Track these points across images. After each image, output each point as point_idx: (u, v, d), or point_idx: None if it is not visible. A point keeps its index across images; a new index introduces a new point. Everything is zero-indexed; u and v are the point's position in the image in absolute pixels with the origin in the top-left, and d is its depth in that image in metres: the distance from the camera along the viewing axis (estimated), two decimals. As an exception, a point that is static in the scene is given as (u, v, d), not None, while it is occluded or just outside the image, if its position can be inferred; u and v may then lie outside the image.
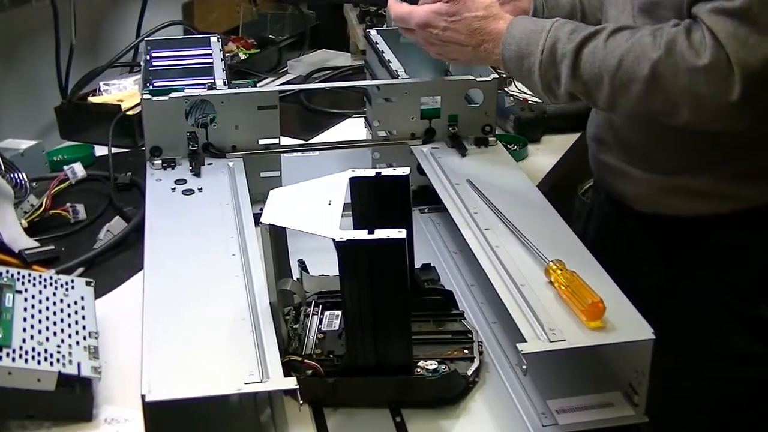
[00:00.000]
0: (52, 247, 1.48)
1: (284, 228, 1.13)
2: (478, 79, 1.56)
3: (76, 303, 1.22)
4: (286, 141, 1.59)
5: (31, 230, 1.53)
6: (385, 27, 2.24)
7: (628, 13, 1.35)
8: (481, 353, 1.17)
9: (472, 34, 1.37)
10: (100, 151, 1.87)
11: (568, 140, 1.94)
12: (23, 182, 1.58)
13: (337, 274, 1.05)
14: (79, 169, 1.71)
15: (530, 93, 1.93)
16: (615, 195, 1.48)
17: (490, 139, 1.57)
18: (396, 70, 1.62)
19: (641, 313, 1.07)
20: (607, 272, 1.16)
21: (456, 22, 1.38)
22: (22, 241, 1.48)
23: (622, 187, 1.46)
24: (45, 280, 1.24)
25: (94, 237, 1.54)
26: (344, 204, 1.10)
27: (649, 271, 1.45)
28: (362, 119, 1.77)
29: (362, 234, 1.02)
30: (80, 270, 1.45)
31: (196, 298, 1.15)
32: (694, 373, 1.43)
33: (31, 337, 1.11)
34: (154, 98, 1.48)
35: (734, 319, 1.40)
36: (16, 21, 2.04)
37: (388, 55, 1.69)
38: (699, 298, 1.41)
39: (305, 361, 1.11)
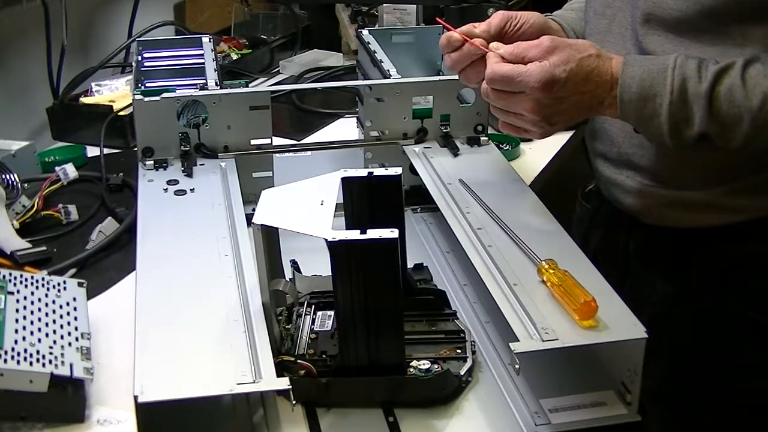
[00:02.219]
0: (44, 248, 1.48)
1: (276, 228, 1.12)
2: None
3: (68, 304, 1.22)
4: (278, 141, 1.59)
5: (23, 231, 1.53)
6: (377, 27, 2.25)
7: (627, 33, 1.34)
8: (473, 353, 1.17)
9: (587, 78, 1.21)
10: (92, 151, 1.86)
11: (560, 139, 1.94)
12: (15, 183, 1.58)
13: (330, 274, 1.05)
14: (71, 170, 1.70)
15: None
16: (621, 206, 1.42)
17: (482, 138, 1.57)
18: (388, 70, 1.62)
19: (651, 324, 1.06)
20: (615, 286, 1.14)
21: (572, 70, 1.21)
22: (14, 242, 1.47)
23: (629, 200, 1.40)
24: (37, 281, 1.23)
25: (86, 238, 1.53)
26: (336, 204, 1.10)
27: (661, 284, 1.41)
28: (354, 119, 1.77)
29: (354, 234, 1.02)
30: (72, 271, 1.45)
31: (189, 298, 1.15)
32: (708, 385, 1.40)
33: (23, 338, 1.11)
34: (146, 99, 1.47)
35: (749, 329, 1.36)
36: (7, 21, 2.04)
37: (380, 54, 1.69)
38: (713, 310, 1.37)
39: (298, 361, 1.11)
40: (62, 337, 1.15)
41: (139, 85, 1.58)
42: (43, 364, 1.09)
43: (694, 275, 1.38)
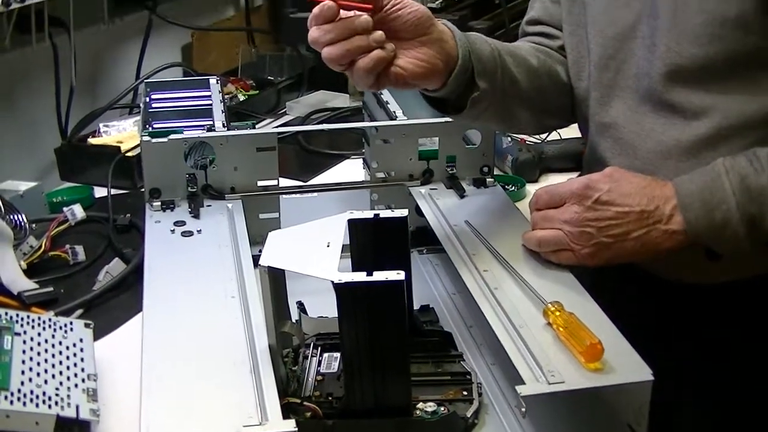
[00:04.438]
0: (51, 288, 1.49)
1: (283, 270, 1.13)
2: (475, 121, 1.56)
3: (74, 345, 1.22)
4: (284, 182, 1.59)
5: (30, 272, 1.54)
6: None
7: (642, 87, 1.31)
8: (480, 395, 1.17)
9: (635, 192, 1.20)
10: (100, 192, 1.87)
11: (565, 180, 1.95)
12: (23, 224, 1.59)
13: (336, 315, 1.05)
14: (78, 211, 1.71)
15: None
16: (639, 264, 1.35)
17: (488, 179, 1.58)
18: (394, 112, 1.63)
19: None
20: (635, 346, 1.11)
21: (616, 179, 1.21)
22: (21, 283, 1.48)
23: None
24: (44, 322, 1.24)
25: (93, 278, 1.54)
26: (343, 245, 1.11)
27: (682, 346, 1.37)
28: (360, 160, 1.78)
29: (361, 276, 1.03)
30: (79, 312, 1.45)
31: (195, 340, 1.15)
32: None
33: (30, 379, 1.11)
34: (154, 140, 1.48)
35: None
36: (17, 62, 2.06)
37: (386, 96, 1.70)
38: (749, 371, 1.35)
39: (304, 403, 1.11)
40: (68, 378, 1.15)
41: (147, 126, 1.59)
42: (49, 406, 1.09)
43: (721, 333, 1.35)
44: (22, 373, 1.12)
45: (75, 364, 1.19)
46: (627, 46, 1.33)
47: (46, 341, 1.20)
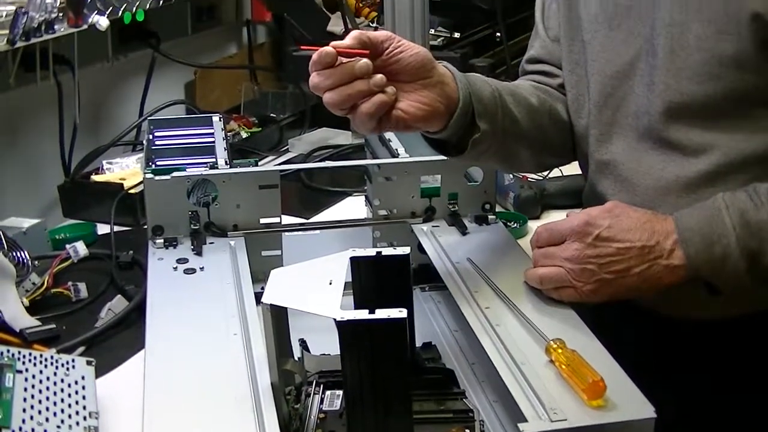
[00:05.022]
0: (53, 326, 1.49)
1: (285, 308, 1.13)
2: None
3: (76, 383, 1.22)
4: (287, 219, 1.60)
5: (32, 309, 1.53)
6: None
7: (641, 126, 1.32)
8: (482, 432, 1.17)
9: (635, 228, 1.21)
10: (103, 229, 1.87)
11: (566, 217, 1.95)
12: (25, 261, 1.59)
13: (338, 353, 1.05)
14: (81, 248, 1.71)
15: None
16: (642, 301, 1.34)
17: (489, 216, 1.58)
18: (396, 149, 1.63)
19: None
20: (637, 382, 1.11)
21: (617, 215, 1.22)
22: (24, 320, 1.48)
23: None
24: (45, 359, 1.24)
25: (96, 316, 1.54)
26: (345, 283, 1.11)
27: (684, 382, 1.36)
28: (363, 197, 1.78)
29: (363, 314, 1.03)
30: (81, 349, 1.45)
31: (197, 377, 1.15)
32: None
33: (31, 417, 1.11)
34: (157, 177, 1.49)
35: None
36: (21, 100, 2.07)
37: (388, 133, 1.71)
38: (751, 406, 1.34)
39: (306, 441, 1.11)
40: (70, 416, 1.15)
41: (150, 163, 1.60)
42: (51, 444, 1.09)
43: (725, 371, 1.35)
44: (24, 410, 1.12)
45: (77, 402, 1.18)
46: (626, 84, 1.34)
47: (47, 379, 1.20)
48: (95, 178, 2.03)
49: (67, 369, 1.24)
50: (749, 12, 1.19)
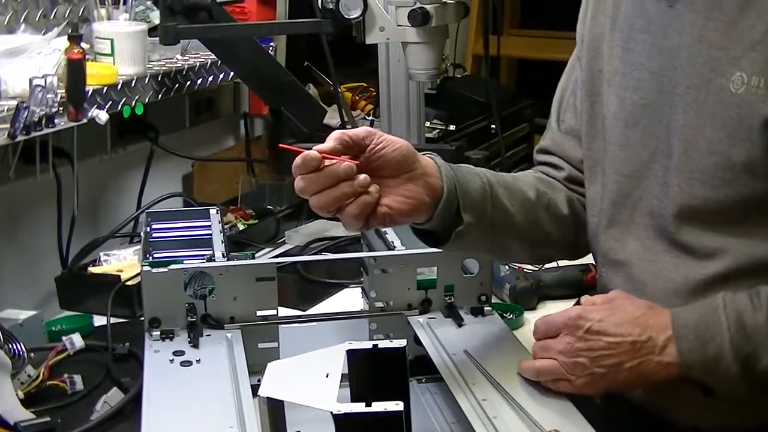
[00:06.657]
0: (48, 419, 1.48)
1: (282, 400, 1.13)
2: (473, 250, 1.58)
3: (71, 477, 1.22)
4: (284, 311, 1.60)
5: (27, 401, 1.53)
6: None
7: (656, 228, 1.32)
8: None
9: (628, 322, 1.22)
10: (99, 321, 1.87)
11: (563, 308, 1.95)
12: (21, 353, 1.58)
13: (335, 446, 1.05)
14: (77, 340, 1.71)
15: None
16: (647, 405, 1.35)
17: (485, 308, 1.58)
18: (392, 242, 1.64)
19: None
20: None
21: (608, 311, 1.23)
22: (18, 414, 1.47)
23: (658, 399, 1.32)
24: (41, 453, 1.23)
25: (91, 408, 1.53)
26: (342, 375, 1.11)
27: None
28: (359, 289, 1.79)
29: (360, 407, 1.03)
30: (76, 442, 1.44)
31: (193, 471, 1.14)
32: None
33: None
34: (154, 270, 1.49)
35: None
36: (20, 192, 2.08)
37: (385, 226, 1.72)
38: None
39: None
40: None
41: (148, 256, 1.60)
42: None
43: None
44: (18, 505, 1.11)
45: (71, 497, 1.18)
46: (642, 184, 1.34)
47: (42, 473, 1.19)
48: (92, 269, 2.03)
49: (62, 463, 1.24)
50: (762, 118, 1.19)
